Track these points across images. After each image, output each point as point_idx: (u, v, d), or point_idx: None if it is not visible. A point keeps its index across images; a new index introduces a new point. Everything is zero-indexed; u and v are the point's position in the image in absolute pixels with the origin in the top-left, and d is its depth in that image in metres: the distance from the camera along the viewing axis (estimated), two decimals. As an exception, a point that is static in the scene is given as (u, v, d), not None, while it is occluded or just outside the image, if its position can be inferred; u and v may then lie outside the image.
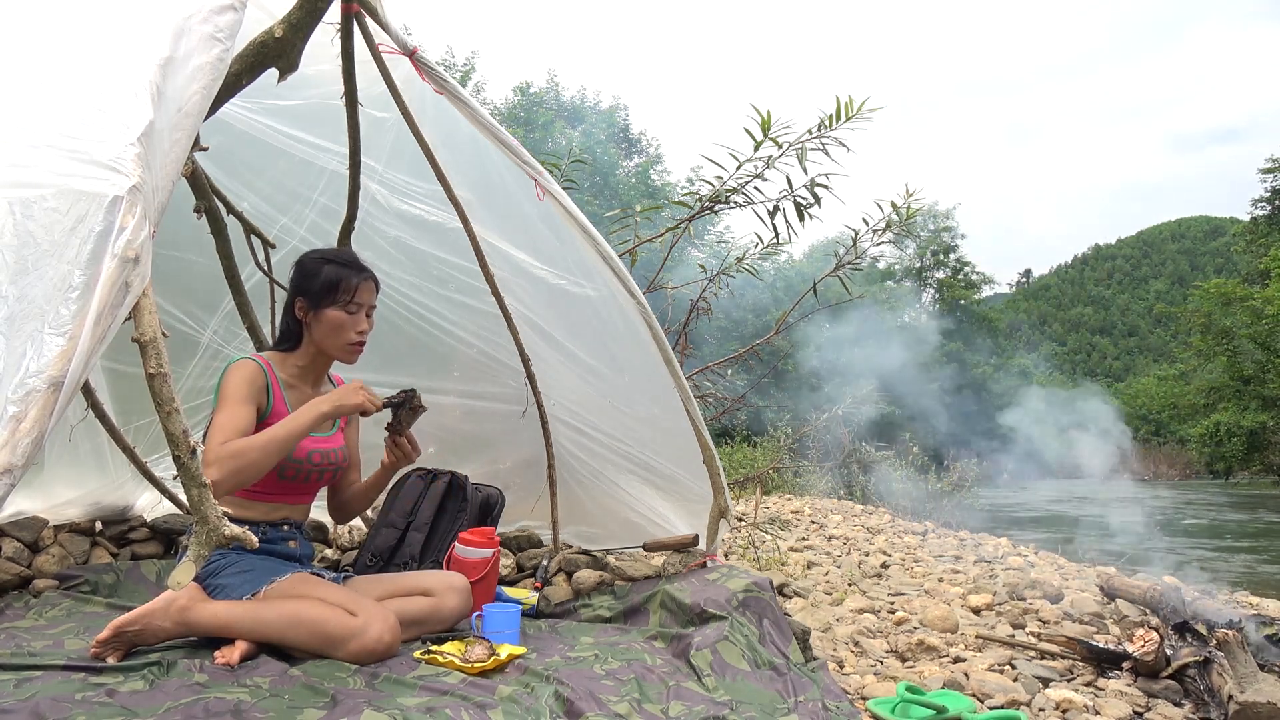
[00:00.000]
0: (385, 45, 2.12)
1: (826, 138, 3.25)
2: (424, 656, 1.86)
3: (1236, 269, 37.04)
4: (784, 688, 1.91)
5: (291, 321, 2.09)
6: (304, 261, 2.08)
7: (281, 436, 1.84)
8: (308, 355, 2.09)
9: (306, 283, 2.04)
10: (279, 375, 2.05)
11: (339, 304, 2.03)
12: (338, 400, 1.91)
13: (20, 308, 1.03)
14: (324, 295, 2.02)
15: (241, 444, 1.80)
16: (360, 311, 2.06)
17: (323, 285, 2.02)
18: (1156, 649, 2.37)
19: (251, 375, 1.96)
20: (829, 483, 11.17)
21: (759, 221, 3.54)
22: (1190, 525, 11.51)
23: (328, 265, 2.04)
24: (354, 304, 2.04)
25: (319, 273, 2.03)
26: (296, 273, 2.08)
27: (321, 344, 2.06)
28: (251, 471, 1.80)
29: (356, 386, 1.94)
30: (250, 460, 1.79)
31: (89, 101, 1.20)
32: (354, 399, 1.92)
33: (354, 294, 2.04)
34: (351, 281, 2.03)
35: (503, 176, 2.39)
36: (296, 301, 2.06)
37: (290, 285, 2.09)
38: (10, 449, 0.94)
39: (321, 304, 2.03)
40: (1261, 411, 26.09)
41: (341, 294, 2.02)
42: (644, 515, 2.87)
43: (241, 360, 1.99)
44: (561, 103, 26.99)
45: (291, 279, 2.09)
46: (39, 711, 1.41)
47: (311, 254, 2.11)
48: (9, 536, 2.48)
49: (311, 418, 1.87)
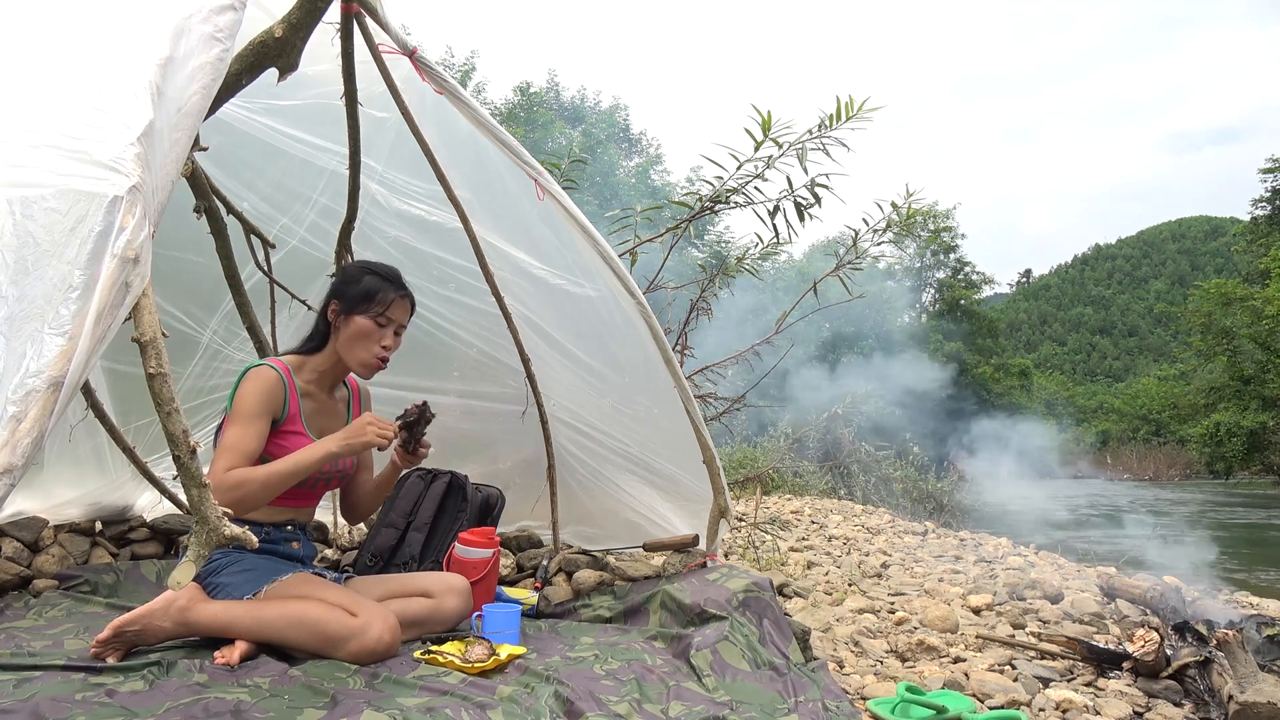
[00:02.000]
0: (385, 45, 2.12)
1: (827, 138, 3.24)
2: (424, 657, 1.86)
3: (1236, 269, 37.05)
4: (784, 688, 1.90)
5: (322, 322, 2.11)
6: (348, 267, 2.15)
7: (284, 473, 1.85)
8: (329, 360, 2.10)
9: (345, 287, 2.07)
10: (297, 382, 2.05)
11: (370, 314, 2.04)
12: (346, 440, 1.90)
13: (20, 308, 1.03)
14: (359, 302, 2.04)
15: (244, 475, 1.81)
16: (389, 327, 2.07)
17: (360, 292, 2.05)
18: (1157, 649, 2.37)
19: (269, 388, 1.95)
20: (829, 483, 11.17)
21: (759, 221, 3.54)
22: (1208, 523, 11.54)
23: (369, 275, 2.08)
24: (385, 317, 2.06)
25: (359, 280, 2.06)
26: (339, 276, 2.13)
27: (344, 351, 2.07)
28: (249, 503, 1.82)
29: (365, 423, 1.92)
30: (250, 492, 1.81)
31: (89, 101, 1.20)
32: (363, 437, 1.90)
33: (388, 307, 2.06)
34: (388, 295, 2.06)
35: (503, 176, 2.39)
36: (331, 303, 2.09)
37: (330, 288, 2.13)
38: (10, 449, 0.94)
39: (354, 310, 2.04)
40: (1262, 411, 26.09)
41: (376, 305, 2.05)
42: (644, 515, 2.87)
43: (261, 368, 1.98)
44: (562, 102, 27.00)
45: (333, 282, 2.13)
46: (39, 711, 1.41)
47: (358, 262, 2.17)
48: (9, 536, 2.48)
49: (318, 457, 1.88)
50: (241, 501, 1.80)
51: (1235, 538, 10.14)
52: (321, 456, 1.88)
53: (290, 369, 2.04)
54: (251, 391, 1.93)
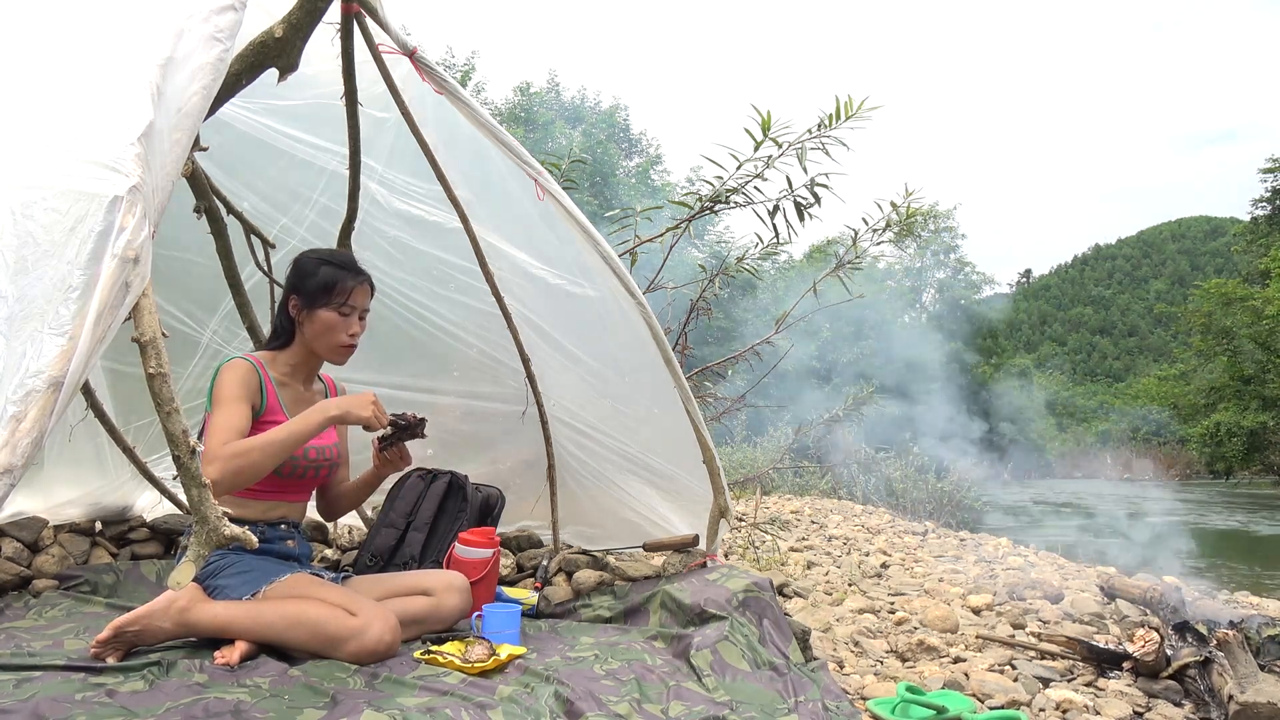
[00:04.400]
0: (385, 45, 2.12)
1: (826, 137, 3.24)
2: (424, 656, 1.86)
3: (1236, 269, 37.04)
4: (784, 688, 1.90)
5: (284, 319, 2.09)
6: (301, 260, 2.09)
7: (285, 439, 1.83)
8: (299, 354, 2.10)
9: (302, 282, 2.05)
10: (271, 374, 2.05)
11: (333, 305, 2.03)
12: (347, 407, 1.88)
13: (20, 308, 1.03)
14: (318, 295, 2.03)
15: (244, 444, 1.80)
16: (353, 314, 2.07)
17: (318, 285, 2.03)
18: (1157, 649, 2.37)
19: (245, 375, 1.96)
20: (828, 483, 11.17)
21: (759, 221, 3.54)
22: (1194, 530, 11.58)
23: (324, 266, 2.05)
24: (348, 306, 2.05)
25: (315, 272, 2.04)
26: (293, 271, 2.09)
27: (313, 343, 2.07)
28: (252, 472, 1.79)
29: (370, 400, 1.90)
30: (252, 461, 1.78)
31: (89, 101, 1.20)
32: (364, 411, 1.88)
33: (348, 296, 2.05)
34: (347, 284, 2.04)
35: (503, 176, 2.39)
36: (291, 299, 2.07)
37: (286, 283, 2.10)
38: (10, 449, 0.94)
39: (315, 304, 2.03)
40: (1262, 411, 26.10)
41: (336, 295, 2.03)
42: (644, 515, 2.86)
43: (234, 360, 1.99)
44: (562, 103, 26.99)
45: (288, 277, 2.10)
46: (39, 711, 1.41)
47: (309, 253, 2.12)
48: (9, 536, 2.47)
49: (319, 421, 1.86)
50: (245, 470, 1.77)
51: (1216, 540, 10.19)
52: (321, 421, 1.86)
53: (263, 362, 2.04)
54: (229, 379, 1.93)
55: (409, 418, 2.06)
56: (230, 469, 1.75)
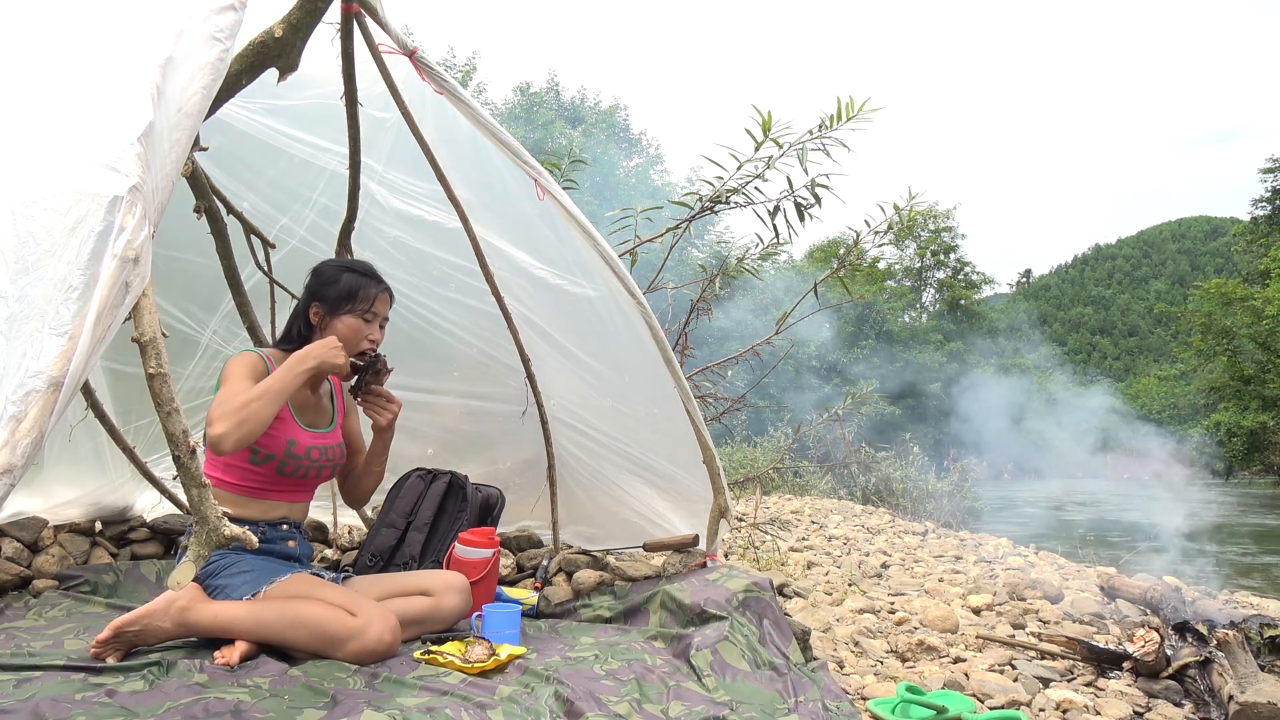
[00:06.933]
0: (385, 45, 2.12)
1: (827, 138, 3.24)
2: (424, 656, 1.86)
3: (1236, 269, 37.06)
4: (784, 688, 1.90)
5: (303, 325, 2.11)
6: (322, 268, 2.13)
7: (276, 386, 1.85)
8: None
9: (324, 289, 2.08)
10: None
11: (356, 312, 2.07)
12: (321, 356, 1.94)
13: (20, 308, 1.03)
14: (342, 302, 2.06)
15: (244, 396, 1.82)
16: (375, 321, 2.11)
17: (341, 292, 2.06)
18: (1157, 649, 2.37)
19: (253, 364, 1.98)
20: (829, 483, 11.17)
21: (759, 221, 3.54)
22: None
23: (347, 273, 2.09)
24: (370, 313, 2.09)
25: (338, 280, 2.07)
26: (314, 279, 2.12)
27: None
28: (256, 421, 1.79)
29: (335, 345, 1.96)
30: (254, 410, 1.79)
31: (89, 101, 1.20)
32: (338, 359, 1.95)
33: (372, 303, 2.09)
34: (370, 291, 2.09)
35: (503, 176, 2.39)
36: (312, 306, 2.09)
37: (306, 290, 2.12)
38: (10, 449, 0.94)
39: (338, 310, 2.06)
40: (1262, 411, 26.10)
41: (360, 302, 2.07)
42: (644, 515, 2.86)
43: (244, 352, 2.01)
44: (562, 103, 26.99)
45: (307, 284, 2.12)
46: (39, 711, 1.41)
47: (330, 262, 2.17)
48: (9, 536, 2.48)
49: (298, 371, 1.90)
50: (247, 421, 1.78)
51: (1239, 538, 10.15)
52: (300, 371, 1.90)
53: (272, 359, 2.05)
54: (238, 364, 1.96)
55: (367, 356, 2.08)
56: (235, 420, 1.76)
